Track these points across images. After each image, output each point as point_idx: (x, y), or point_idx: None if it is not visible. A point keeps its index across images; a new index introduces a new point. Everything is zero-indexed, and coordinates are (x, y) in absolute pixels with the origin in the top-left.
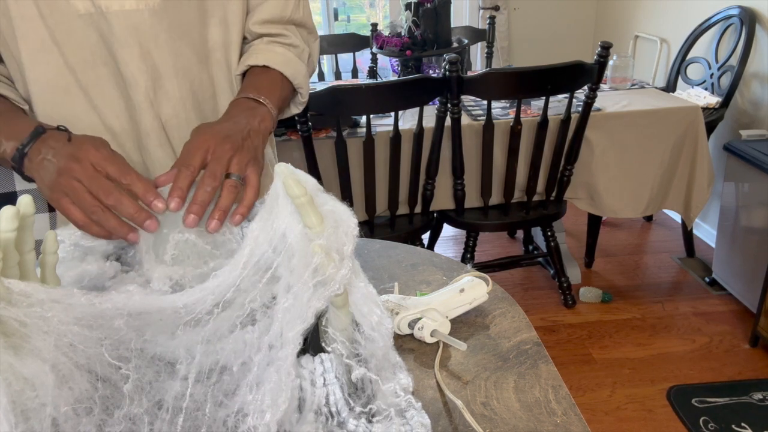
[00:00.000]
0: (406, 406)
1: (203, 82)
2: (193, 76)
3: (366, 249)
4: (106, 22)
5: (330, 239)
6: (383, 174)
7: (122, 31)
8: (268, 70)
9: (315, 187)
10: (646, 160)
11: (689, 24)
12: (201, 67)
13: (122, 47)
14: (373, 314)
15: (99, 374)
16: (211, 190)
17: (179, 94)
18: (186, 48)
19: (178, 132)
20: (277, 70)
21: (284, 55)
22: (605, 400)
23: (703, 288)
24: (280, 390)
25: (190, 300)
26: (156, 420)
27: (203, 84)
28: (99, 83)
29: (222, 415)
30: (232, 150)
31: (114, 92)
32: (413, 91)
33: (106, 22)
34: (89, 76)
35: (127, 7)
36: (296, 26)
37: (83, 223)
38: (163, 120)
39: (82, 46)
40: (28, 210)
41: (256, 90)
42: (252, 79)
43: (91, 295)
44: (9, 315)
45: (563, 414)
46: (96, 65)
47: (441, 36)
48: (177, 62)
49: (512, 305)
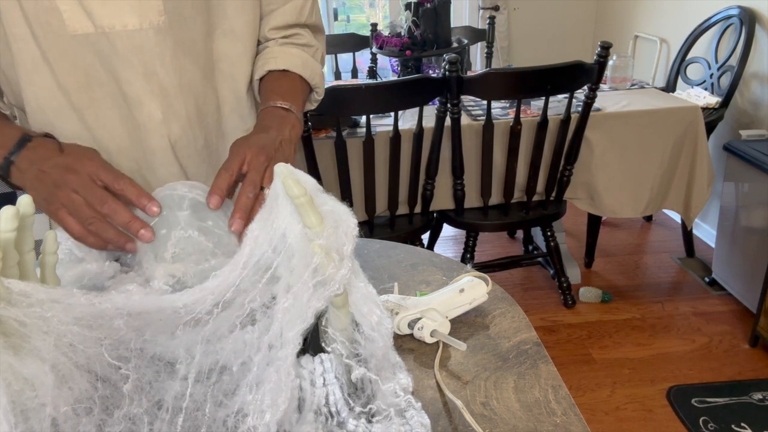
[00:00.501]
0: (405, 406)
1: (207, 97)
2: (198, 92)
3: (366, 249)
4: (109, 43)
5: (330, 239)
6: (383, 174)
7: (126, 51)
8: (287, 74)
9: (314, 187)
10: (645, 160)
11: (689, 24)
12: (205, 82)
13: (126, 68)
14: (372, 314)
15: (99, 374)
16: (253, 197)
17: (185, 112)
18: (191, 65)
19: (186, 150)
20: (296, 73)
21: (300, 56)
22: (605, 400)
23: (702, 288)
24: (279, 390)
25: (189, 300)
26: (156, 420)
27: (207, 98)
28: (93, 105)
29: (222, 415)
30: (267, 161)
31: (110, 113)
32: (413, 91)
33: (108, 43)
34: (82, 97)
35: (131, 27)
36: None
37: (80, 234)
38: (171, 139)
39: (76, 67)
40: (28, 210)
41: (281, 97)
42: (274, 85)
43: (90, 295)
44: (9, 315)
45: (563, 414)
46: (90, 87)
47: (441, 36)
48: (182, 80)
49: (512, 305)
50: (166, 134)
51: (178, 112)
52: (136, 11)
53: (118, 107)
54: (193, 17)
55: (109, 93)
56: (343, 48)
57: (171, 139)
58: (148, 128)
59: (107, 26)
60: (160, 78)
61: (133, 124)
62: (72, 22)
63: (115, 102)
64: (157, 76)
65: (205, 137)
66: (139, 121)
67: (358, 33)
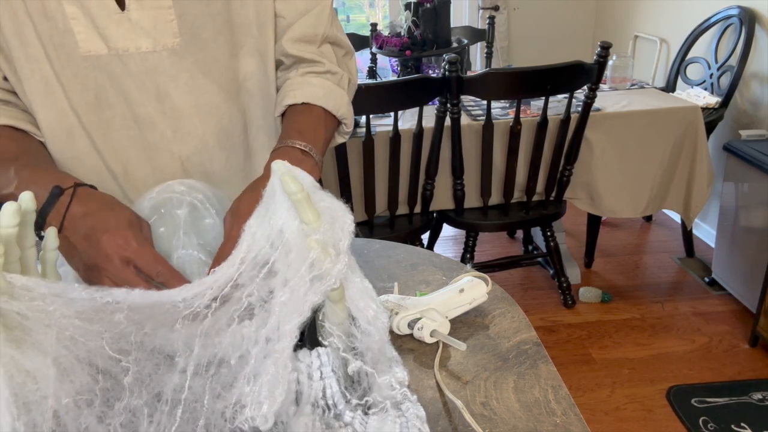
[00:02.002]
0: (401, 399)
1: (233, 117)
2: (221, 112)
3: (366, 249)
4: (121, 64)
5: (326, 235)
6: (383, 174)
7: (138, 73)
8: (310, 107)
9: (311, 184)
10: (645, 160)
11: (689, 24)
12: (230, 103)
13: (138, 89)
14: (369, 308)
15: (99, 367)
16: None
17: (201, 132)
18: (211, 85)
19: (201, 168)
20: (318, 105)
21: (323, 86)
22: (605, 400)
23: (702, 288)
24: (277, 382)
25: (188, 294)
26: (155, 412)
27: (233, 119)
28: (101, 126)
29: (220, 407)
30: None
31: (119, 134)
32: (413, 91)
33: (120, 64)
34: (92, 119)
35: (144, 49)
36: (331, 44)
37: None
38: (182, 158)
39: (87, 88)
40: (29, 206)
41: (299, 135)
42: (293, 120)
43: (91, 290)
44: (11, 309)
45: (563, 414)
46: (101, 108)
47: (441, 36)
48: (200, 100)
49: (512, 305)
50: (177, 152)
51: (193, 132)
52: (150, 34)
53: (128, 128)
54: (214, 38)
55: (119, 114)
56: None
57: (182, 157)
58: (159, 147)
59: (121, 48)
60: (173, 99)
61: (143, 144)
62: (85, 43)
63: (125, 123)
64: (170, 97)
65: (228, 157)
66: (149, 141)
67: (357, 33)
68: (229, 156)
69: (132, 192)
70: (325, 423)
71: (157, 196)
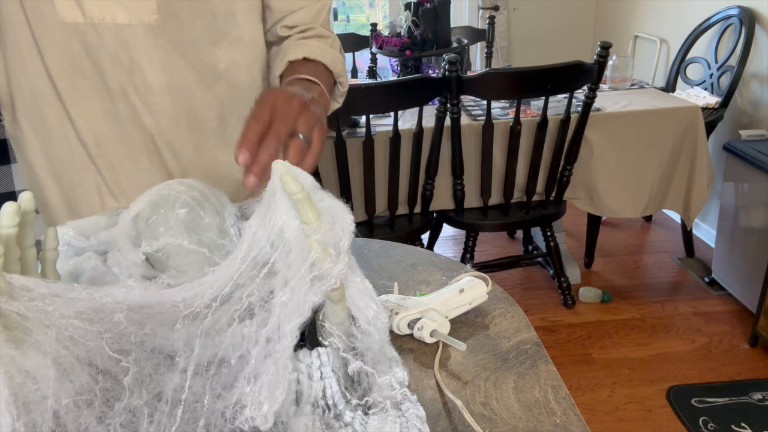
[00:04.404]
0: (401, 399)
1: (205, 102)
2: (192, 94)
3: (366, 249)
4: (96, 34)
5: (327, 235)
6: (383, 174)
7: (112, 44)
8: (310, 60)
9: (312, 184)
10: (645, 160)
11: (689, 24)
12: (203, 87)
13: (112, 60)
14: (369, 309)
15: (99, 367)
16: (274, 152)
17: (173, 111)
18: (185, 66)
19: (170, 146)
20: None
21: (318, 46)
22: (605, 400)
23: (702, 288)
24: (277, 382)
25: (188, 294)
26: (155, 412)
27: (205, 103)
28: (75, 95)
29: (220, 407)
30: (299, 109)
31: (92, 104)
32: (413, 91)
33: (96, 34)
34: (66, 86)
35: (119, 21)
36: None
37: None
38: (153, 134)
39: (63, 55)
40: (29, 207)
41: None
42: (297, 68)
43: (91, 290)
44: (11, 309)
45: (563, 414)
46: (75, 76)
47: (440, 36)
48: (172, 79)
49: (512, 305)
50: (148, 127)
51: (164, 109)
52: (127, 7)
53: (101, 99)
54: (191, 20)
55: (92, 85)
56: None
57: (152, 133)
58: (131, 121)
59: (96, 17)
60: (145, 74)
61: (116, 117)
62: (63, 9)
63: (99, 94)
64: (142, 72)
65: (198, 140)
66: (122, 115)
67: (357, 33)
68: (199, 140)
69: (102, 162)
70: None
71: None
